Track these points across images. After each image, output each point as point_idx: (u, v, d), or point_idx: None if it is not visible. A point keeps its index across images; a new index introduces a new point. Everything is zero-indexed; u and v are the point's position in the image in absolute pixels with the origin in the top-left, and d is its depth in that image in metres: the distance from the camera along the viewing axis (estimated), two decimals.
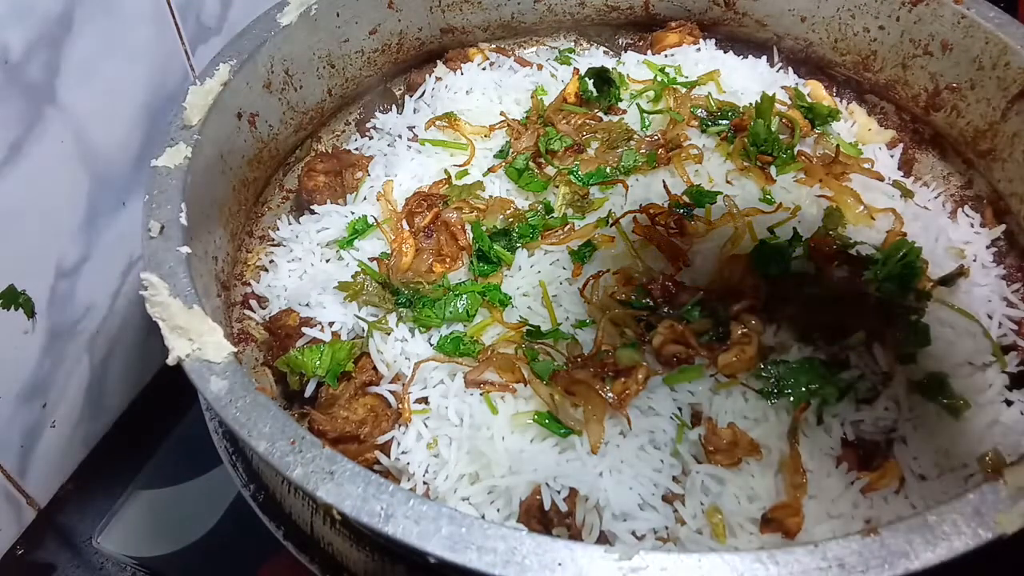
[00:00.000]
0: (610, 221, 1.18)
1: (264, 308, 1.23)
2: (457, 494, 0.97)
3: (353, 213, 1.26)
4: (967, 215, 1.31)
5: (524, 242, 1.17)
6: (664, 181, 1.23)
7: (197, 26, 1.37)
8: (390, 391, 1.07)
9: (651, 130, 1.33)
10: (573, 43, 1.63)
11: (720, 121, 1.32)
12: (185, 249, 1.00)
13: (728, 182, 1.25)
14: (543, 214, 1.21)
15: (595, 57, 1.54)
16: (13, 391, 1.22)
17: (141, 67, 1.29)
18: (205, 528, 1.31)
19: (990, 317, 1.14)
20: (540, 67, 1.49)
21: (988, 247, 1.27)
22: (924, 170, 1.41)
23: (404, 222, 1.21)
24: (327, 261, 1.24)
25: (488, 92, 1.43)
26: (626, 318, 1.07)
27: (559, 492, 0.94)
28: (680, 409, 1.01)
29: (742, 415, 1.01)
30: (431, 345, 1.09)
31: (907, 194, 1.29)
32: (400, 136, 1.39)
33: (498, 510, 0.97)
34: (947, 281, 1.14)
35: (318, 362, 1.08)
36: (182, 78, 1.37)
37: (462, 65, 1.49)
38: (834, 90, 1.49)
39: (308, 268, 1.23)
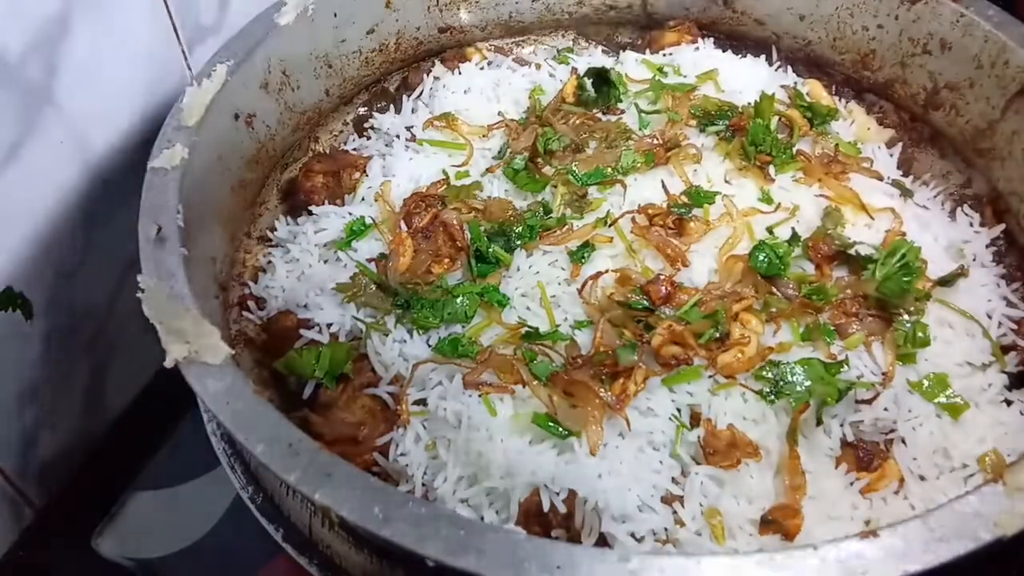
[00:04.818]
0: (608, 221, 1.18)
1: (262, 309, 1.23)
2: (456, 496, 0.97)
3: (351, 214, 1.26)
4: (967, 214, 1.30)
5: (522, 243, 1.17)
6: (663, 181, 1.23)
7: (194, 26, 1.37)
8: (388, 393, 1.07)
9: (649, 130, 1.33)
10: (571, 42, 1.63)
11: (719, 121, 1.31)
12: (182, 251, 0.99)
13: (727, 182, 1.25)
14: (541, 214, 1.21)
15: (594, 56, 1.54)
16: (13, 392, 1.21)
17: (138, 68, 1.29)
18: (204, 529, 1.31)
19: (990, 317, 1.14)
20: (538, 67, 1.49)
21: (988, 247, 1.26)
22: (923, 169, 1.40)
23: (402, 223, 1.21)
24: (325, 262, 1.23)
25: (486, 92, 1.43)
26: (625, 319, 1.07)
27: (558, 494, 0.94)
28: (679, 410, 1.01)
29: (741, 416, 1.00)
30: (429, 346, 1.09)
31: (906, 193, 1.29)
32: (398, 136, 1.38)
33: (497, 512, 0.97)
34: (947, 281, 1.14)
35: (316, 364, 1.07)
36: (179, 79, 1.37)
37: (460, 65, 1.49)
38: (833, 89, 1.48)
39: (306, 269, 1.23)
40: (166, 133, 1.11)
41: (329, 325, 1.14)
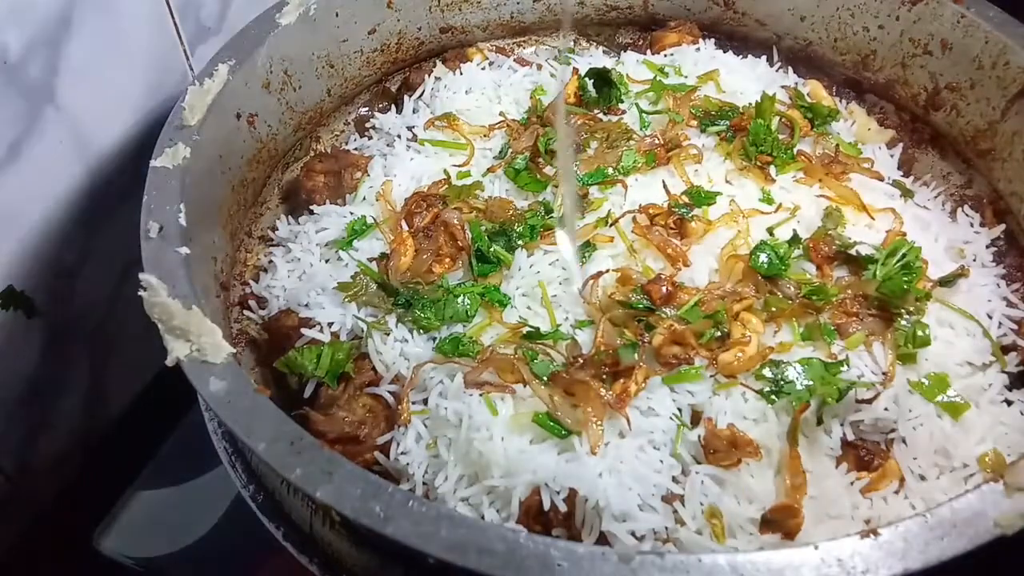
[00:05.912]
0: (609, 221, 1.18)
1: (263, 309, 1.23)
2: (456, 495, 0.97)
3: (352, 214, 1.26)
4: (967, 215, 1.31)
5: (523, 242, 1.17)
6: (663, 181, 1.23)
7: (196, 26, 1.37)
8: (389, 392, 1.07)
9: (650, 130, 1.33)
10: (572, 43, 1.63)
11: (720, 121, 1.32)
12: (184, 250, 1.00)
13: (728, 182, 1.25)
14: (542, 214, 1.21)
15: (595, 57, 1.54)
16: (13, 391, 1.22)
17: (140, 67, 1.29)
18: (205, 528, 1.31)
19: (990, 317, 1.14)
20: (540, 67, 1.49)
21: (988, 247, 1.26)
22: (924, 170, 1.40)
23: (403, 223, 1.21)
24: (326, 262, 1.23)
25: (487, 92, 1.43)
26: (625, 318, 1.07)
27: (558, 493, 0.94)
28: (680, 410, 1.01)
29: (742, 416, 1.00)
30: (430, 346, 1.09)
31: (907, 194, 1.29)
32: (399, 136, 1.38)
33: (498, 511, 0.96)
34: (947, 281, 1.14)
35: (317, 363, 1.08)
36: (181, 78, 1.37)
37: (461, 65, 1.49)
38: (833, 90, 1.49)
39: (307, 268, 1.23)
40: (168, 132, 1.11)
41: (330, 324, 1.14)
